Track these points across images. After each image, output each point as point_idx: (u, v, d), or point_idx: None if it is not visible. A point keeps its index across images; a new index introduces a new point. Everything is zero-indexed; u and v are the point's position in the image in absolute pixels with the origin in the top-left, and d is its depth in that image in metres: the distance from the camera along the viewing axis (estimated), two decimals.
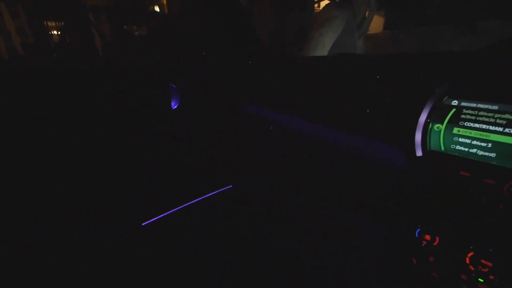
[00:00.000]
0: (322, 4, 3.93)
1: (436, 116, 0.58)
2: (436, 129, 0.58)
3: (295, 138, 0.98)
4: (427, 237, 0.59)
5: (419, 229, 0.61)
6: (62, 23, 3.56)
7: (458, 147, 0.55)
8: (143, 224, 0.93)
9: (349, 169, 0.88)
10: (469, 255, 0.53)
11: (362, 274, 0.81)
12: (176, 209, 1.00)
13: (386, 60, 0.79)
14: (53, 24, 3.58)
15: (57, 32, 3.66)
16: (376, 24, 3.58)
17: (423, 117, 0.59)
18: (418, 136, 0.59)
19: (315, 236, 0.94)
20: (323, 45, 2.50)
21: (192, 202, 1.04)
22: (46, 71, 0.86)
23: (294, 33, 4.05)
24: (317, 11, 4.13)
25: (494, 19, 3.49)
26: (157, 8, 5.92)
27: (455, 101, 0.56)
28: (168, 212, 0.97)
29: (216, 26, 1.13)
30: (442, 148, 0.57)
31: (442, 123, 0.57)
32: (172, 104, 0.96)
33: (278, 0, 4.07)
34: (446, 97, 0.57)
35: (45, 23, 3.39)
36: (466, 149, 0.54)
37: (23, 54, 3.00)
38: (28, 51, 3.03)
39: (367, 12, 3.04)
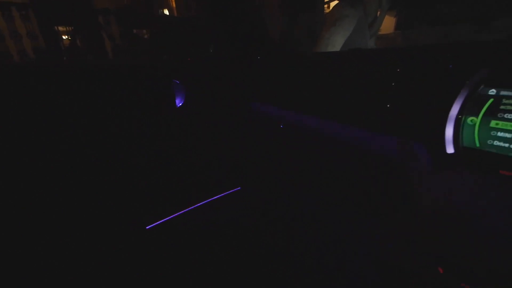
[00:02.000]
0: (332, 5, 3.89)
1: (470, 108, 0.51)
2: (469, 122, 0.51)
3: (308, 136, 0.93)
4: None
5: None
6: (72, 27, 3.62)
7: (496, 143, 0.48)
8: (147, 227, 0.90)
9: (366, 171, 0.82)
10: None
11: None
12: (181, 211, 0.96)
13: (407, 52, 0.74)
14: (64, 28, 3.65)
15: (67, 36, 3.73)
16: (388, 24, 3.51)
17: (454, 110, 0.53)
18: (449, 131, 0.53)
19: (327, 241, 0.88)
20: (334, 44, 2.45)
21: (199, 204, 1.00)
22: (50, 69, 0.84)
23: (301, 35, 4.00)
24: (327, 12, 4.08)
25: (508, 17, 3.38)
26: (166, 11, 5.99)
27: (493, 90, 0.49)
28: (174, 215, 0.94)
29: (225, 23, 1.09)
30: (477, 144, 0.51)
31: (477, 116, 0.50)
32: (177, 101, 0.92)
33: (286, 2, 4.04)
34: (482, 86, 0.51)
35: (56, 27, 3.45)
36: (507, 145, 0.47)
37: (33, 57, 3.05)
38: (38, 54, 3.08)
39: (378, 12, 2.98)
